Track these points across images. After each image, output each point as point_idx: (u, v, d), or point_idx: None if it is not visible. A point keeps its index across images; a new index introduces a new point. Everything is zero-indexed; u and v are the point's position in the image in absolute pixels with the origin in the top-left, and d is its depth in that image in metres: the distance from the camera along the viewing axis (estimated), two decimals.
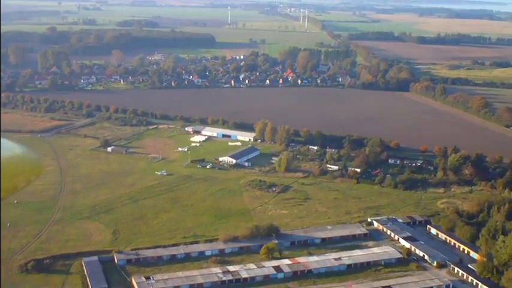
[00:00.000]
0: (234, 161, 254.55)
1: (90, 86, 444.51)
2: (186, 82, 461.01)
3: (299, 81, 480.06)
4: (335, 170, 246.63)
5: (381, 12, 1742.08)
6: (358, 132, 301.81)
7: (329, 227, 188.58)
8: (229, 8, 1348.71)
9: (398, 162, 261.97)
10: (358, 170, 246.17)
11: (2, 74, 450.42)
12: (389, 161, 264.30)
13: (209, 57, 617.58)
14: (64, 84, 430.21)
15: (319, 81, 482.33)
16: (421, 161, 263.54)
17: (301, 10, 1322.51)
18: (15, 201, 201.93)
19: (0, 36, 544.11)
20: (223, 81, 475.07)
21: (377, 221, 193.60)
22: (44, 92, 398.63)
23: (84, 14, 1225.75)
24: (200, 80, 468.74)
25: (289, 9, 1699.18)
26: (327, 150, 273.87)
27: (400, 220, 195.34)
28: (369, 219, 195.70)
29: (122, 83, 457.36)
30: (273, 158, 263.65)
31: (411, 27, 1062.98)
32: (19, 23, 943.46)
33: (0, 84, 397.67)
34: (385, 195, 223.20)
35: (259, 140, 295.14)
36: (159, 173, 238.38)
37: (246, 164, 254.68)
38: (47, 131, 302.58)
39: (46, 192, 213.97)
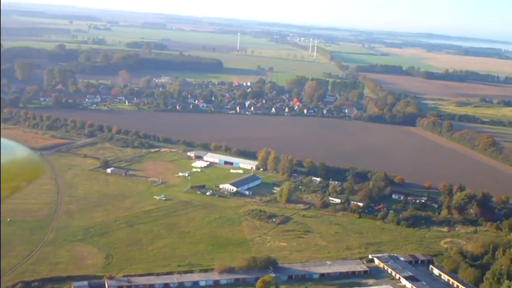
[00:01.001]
0: (234, 189, 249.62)
1: (95, 105, 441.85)
2: (191, 106, 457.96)
3: (305, 111, 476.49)
4: (337, 203, 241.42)
5: (390, 46, 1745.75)
6: (363, 165, 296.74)
7: (328, 262, 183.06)
8: (239, 34, 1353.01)
9: (402, 198, 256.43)
10: (361, 204, 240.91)
11: (6, 89, 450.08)
12: (393, 196, 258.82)
13: (216, 83, 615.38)
14: (68, 103, 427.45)
15: (325, 111, 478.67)
16: (426, 198, 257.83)
17: (311, 40, 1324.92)
18: (8, 219, 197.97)
19: (0, 49, 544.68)
20: (229, 107, 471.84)
21: (378, 258, 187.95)
22: (47, 109, 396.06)
23: (95, 33, 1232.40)
24: (205, 105, 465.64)
25: (298, 39, 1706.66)
26: (330, 182, 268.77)
27: (401, 258, 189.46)
28: (370, 256, 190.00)
29: (127, 104, 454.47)
30: (275, 187, 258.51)
31: (419, 62, 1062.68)
32: (29, 39, 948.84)
33: None
34: (388, 232, 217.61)
35: (261, 169, 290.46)
36: (157, 198, 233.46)
37: (247, 192, 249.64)
38: (48, 148, 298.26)
39: (41, 212, 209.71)
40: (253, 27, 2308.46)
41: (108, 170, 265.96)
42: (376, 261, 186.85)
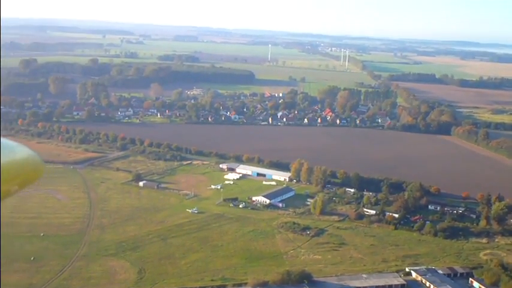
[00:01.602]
0: (267, 201, 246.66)
1: (127, 118, 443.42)
2: (223, 118, 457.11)
3: (338, 121, 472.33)
4: (372, 215, 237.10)
5: (423, 54, 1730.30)
6: (397, 175, 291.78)
7: (364, 275, 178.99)
8: (270, 45, 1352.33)
9: (438, 208, 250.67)
10: (396, 215, 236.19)
11: (40, 103, 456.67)
12: (429, 207, 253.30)
13: (248, 94, 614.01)
14: (101, 116, 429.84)
15: (358, 121, 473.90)
16: (463, 209, 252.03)
17: (342, 50, 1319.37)
18: (42, 234, 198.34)
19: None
20: (261, 118, 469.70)
21: (415, 271, 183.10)
22: (80, 123, 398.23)
23: (127, 47, 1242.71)
24: (237, 116, 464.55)
25: (330, 49, 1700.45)
26: (365, 193, 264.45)
27: (440, 271, 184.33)
28: (407, 269, 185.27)
29: (159, 116, 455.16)
30: (308, 199, 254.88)
31: (453, 70, 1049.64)
32: (62, 54, 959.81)
33: None
34: (424, 244, 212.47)
35: (294, 180, 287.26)
36: (190, 211, 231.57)
37: (280, 204, 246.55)
38: (80, 162, 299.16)
39: (73, 226, 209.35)
40: (284, 38, 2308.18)
41: (141, 183, 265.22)
42: (414, 274, 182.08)
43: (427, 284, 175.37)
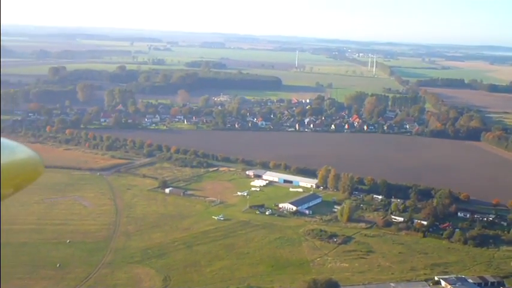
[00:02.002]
0: (294, 208, 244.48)
1: (154, 125, 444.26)
2: (249, 124, 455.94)
3: (365, 127, 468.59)
4: (400, 222, 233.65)
5: (451, 59, 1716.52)
6: (426, 182, 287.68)
7: (392, 284, 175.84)
8: (297, 51, 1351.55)
9: (468, 215, 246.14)
10: (425, 222, 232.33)
11: (68, 110, 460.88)
12: (459, 214, 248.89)
13: (275, 100, 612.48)
14: (128, 123, 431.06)
15: (385, 127, 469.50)
16: (493, 216, 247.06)
17: (370, 55, 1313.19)
18: (68, 241, 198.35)
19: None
20: (288, 124, 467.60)
21: (445, 280, 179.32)
22: (107, 129, 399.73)
23: (155, 54, 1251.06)
24: (264, 123, 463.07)
25: (357, 54, 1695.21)
26: (392, 200, 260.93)
27: (470, 280, 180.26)
28: (436, 278, 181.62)
29: (185, 123, 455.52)
30: (335, 206, 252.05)
31: (482, 75, 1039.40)
32: (91, 61, 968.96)
33: None
34: (454, 252, 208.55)
35: (321, 187, 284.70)
36: (216, 218, 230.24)
37: (307, 211, 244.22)
38: (107, 169, 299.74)
39: (99, 233, 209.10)
40: (311, 44, 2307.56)
41: (167, 190, 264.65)
42: (443, 283, 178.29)
43: None
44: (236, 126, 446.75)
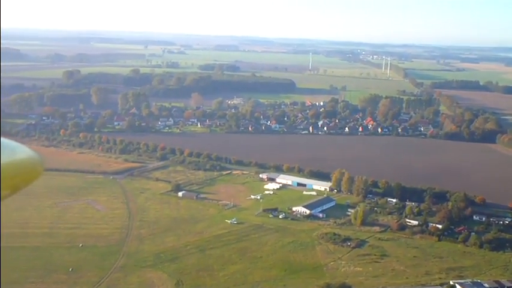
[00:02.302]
0: (308, 212, 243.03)
1: (167, 128, 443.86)
2: (263, 127, 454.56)
3: (379, 130, 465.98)
4: (415, 226, 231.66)
5: (466, 61, 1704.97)
6: (441, 185, 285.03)
7: None
8: (311, 54, 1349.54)
9: (483, 219, 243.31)
10: (440, 226, 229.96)
11: (82, 114, 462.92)
12: (474, 217, 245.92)
13: (288, 103, 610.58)
14: (141, 126, 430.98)
15: (400, 130, 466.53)
16: (510, 219, 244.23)
17: (384, 57, 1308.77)
18: (80, 245, 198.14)
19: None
20: (302, 127, 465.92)
21: (460, 284, 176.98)
22: (121, 133, 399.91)
23: (168, 57, 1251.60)
24: (278, 126, 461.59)
25: (371, 57, 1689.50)
26: (407, 203, 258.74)
27: (486, 285, 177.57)
28: (451, 282, 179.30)
29: (199, 126, 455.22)
30: (349, 209, 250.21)
31: (498, 77, 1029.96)
32: (105, 65, 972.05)
33: None
34: (469, 256, 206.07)
35: (335, 190, 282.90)
36: (229, 221, 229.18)
37: (321, 215, 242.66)
38: (120, 172, 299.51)
39: (112, 237, 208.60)
40: (325, 46, 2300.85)
41: (180, 194, 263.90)
42: (458, 287, 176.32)
43: None
44: (250, 129, 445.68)
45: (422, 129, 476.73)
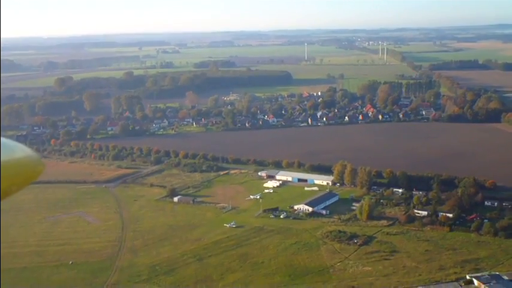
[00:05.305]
0: (310, 209, 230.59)
1: (162, 130, 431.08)
2: (260, 122, 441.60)
3: (380, 117, 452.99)
4: (424, 216, 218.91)
5: (463, 41, 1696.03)
6: (448, 171, 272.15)
7: (421, 287, 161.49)
8: (306, 44, 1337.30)
9: (496, 204, 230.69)
10: (451, 215, 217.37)
11: (74, 121, 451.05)
12: (486, 203, 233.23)
13: (285, 95, 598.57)
14: (135, 130, 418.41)
15: (401, 115, 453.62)
16: None
17: (380, 43, 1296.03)
18: (70, 262, 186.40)
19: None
20: (300, 119, 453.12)
21: (477, 278, 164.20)
22: (114, 138, 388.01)
23: (163, 57, 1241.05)
24: (275, 120, 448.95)
25: (367, 43, 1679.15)
26: (414, 193, 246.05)
27: (505, 277, 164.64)
28: (468, 277, 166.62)
29: (194, 125, 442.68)
30: (354, 204, 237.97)
31: (496, 54, 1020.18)
32: (99, 69, 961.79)
33: None
34: (484, 246, 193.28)
35: (338, 184, 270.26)
36: (227, 225, 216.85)
37: (324, 212, 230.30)
38: (113, 180, 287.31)
39: (104, 251, 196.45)
40: (320, 35, 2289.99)
41: (175, 199, 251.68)
42: (476, 282, 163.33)
43: None
44: (247, 125, 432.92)
45: (424, 113, 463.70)
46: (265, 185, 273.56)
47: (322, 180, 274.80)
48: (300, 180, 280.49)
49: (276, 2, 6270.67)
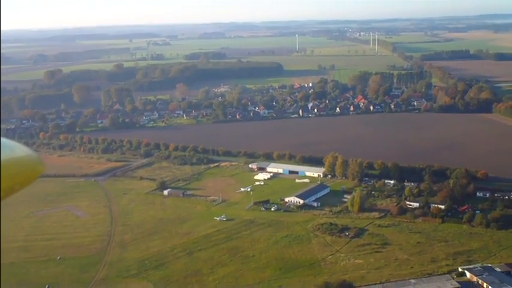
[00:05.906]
0: (301, 202, 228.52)
1: (152, 122, 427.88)
2: (251, 114, 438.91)
3: (371, 108, 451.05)
4: (416, 208, 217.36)
5: (454, 31, 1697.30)
6: (440, 162, 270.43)
7: (413, 280, 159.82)
8: (297, 35, 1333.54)
9: (488, 195, 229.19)
10: (442, 206, 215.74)
11: (63, 114, 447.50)
12: (478, 194, 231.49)
13: (277, 86, 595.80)
14: (125, 122, 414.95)
15: (392, 106, 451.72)
16: None
17: (371, 33, 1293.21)
18: (58, 258, 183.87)
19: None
20: (291, 111, 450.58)
21: (469, 270, 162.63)
22: (104, 131, 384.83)
23: (153, 49, 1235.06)
24: (266, 111, 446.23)
25: (358, 34, 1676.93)
26: (406, 184, 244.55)
27: (497, 269, 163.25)
28: (460, 269, 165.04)
29: (185, 118, 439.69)
30: (345, 195, 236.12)
31: (487, 44, 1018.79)
32: (89, 62, 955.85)
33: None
34: (477, 237, 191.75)
35: (329, 176, 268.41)
36: (218, 219, 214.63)
37: (315, 204, 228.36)
38: (102, 174, 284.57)
39: (92, 246, 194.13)
40: (311, 26, 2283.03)
41: (165, 192, 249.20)
42: (468, 274, 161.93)
43: (485, 285, 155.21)
44: (237, 117, 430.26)
45: (415, 103, 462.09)
46: (256, 177, 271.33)
47: (314, 172, 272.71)
48: (291, 172, 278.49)
49: None
